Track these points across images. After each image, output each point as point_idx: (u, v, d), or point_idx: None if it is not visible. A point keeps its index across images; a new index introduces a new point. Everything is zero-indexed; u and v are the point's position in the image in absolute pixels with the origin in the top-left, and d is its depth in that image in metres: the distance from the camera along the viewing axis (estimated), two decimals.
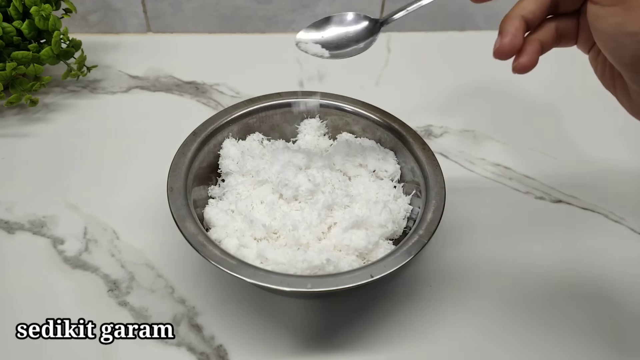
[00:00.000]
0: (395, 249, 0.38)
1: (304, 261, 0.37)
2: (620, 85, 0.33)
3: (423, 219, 0.39)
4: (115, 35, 0.71)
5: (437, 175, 0.43)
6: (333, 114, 0.49)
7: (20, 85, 0.56)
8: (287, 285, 0.34)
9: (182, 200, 0.39)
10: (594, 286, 0.45)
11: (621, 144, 0.59)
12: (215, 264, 0.35)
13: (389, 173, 0.45)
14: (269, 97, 0.48)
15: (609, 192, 0.53)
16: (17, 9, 0.54)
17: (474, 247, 0.47)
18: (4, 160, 0.54)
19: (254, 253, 0.39)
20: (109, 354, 0.39)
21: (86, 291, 0.43)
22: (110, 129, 0.58)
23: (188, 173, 0.42)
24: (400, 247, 0.37)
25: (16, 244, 0.46)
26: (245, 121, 0.48)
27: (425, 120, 0.60)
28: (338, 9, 0.71)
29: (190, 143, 0.44)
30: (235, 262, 0.35)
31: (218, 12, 0.71)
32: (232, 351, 0.40)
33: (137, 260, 0.45)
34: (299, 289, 0.34)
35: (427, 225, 0.39)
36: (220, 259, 0.35)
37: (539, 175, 0.55)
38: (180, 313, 0.42)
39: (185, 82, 0.65)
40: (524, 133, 0.60)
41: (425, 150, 0.45)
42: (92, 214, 0.49)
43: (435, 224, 0.39)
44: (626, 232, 0.50)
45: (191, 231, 0.37)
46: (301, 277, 0.35)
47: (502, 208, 0.51)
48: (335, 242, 0.40)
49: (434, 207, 0.40)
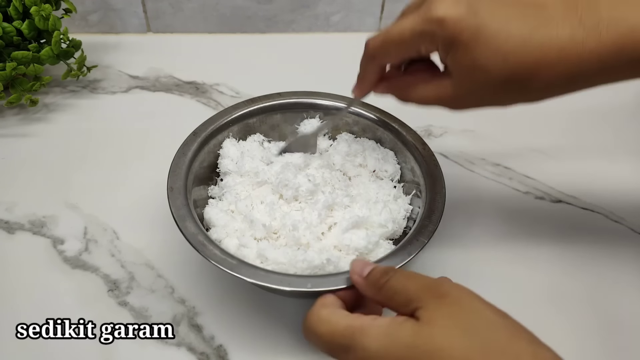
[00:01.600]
0: (395, 249, 0.38)
1: (304, 261, 0.37)
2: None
3: (423, 219, 0.39)
4: (115, 35, 0.71)
5: (437, 175, 0.43)
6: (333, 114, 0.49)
7: (20, 85, 0.56)
8: (287, 285, 0.34)
9: (182, 200, 0.39)
10: (594, 286, 0.45)
11: (621, 144, 0.59)
12: (216, 263, 0.35)
13: (389, 173, 0.45)
14: (269, 97, 0.48)
15: (609, 192, 0.53)
16: (17, 9, 0.54)
17: (474, 247, 0.47)
18: (4, 160, 0.54)
19: (254, 253, 0.39)
20: (109, 354, 0.39)
21: (86, 291, 0.43)
22: (110, 129, 0.58)
23: (188, 173, 0.42)
24: (400, 247, 0.37)
25: (16, 244, 0.46)
26: (245, 121, 0.48)
27: (425, 120, 0.60)
28: (338, 9, 0.71)
29: (190, 143, 0.44)
30: (236, 262, 0.35)
31: (218, 12, 0.71)
32: (232, 351, 0.40)
33: (137, 260, 0.45)
34: (299, 288, 0.34)
35: (427, 225, 0.39)
36: (220, 258, 0.35)
37: (539, 175, 0.55)
38: (180, 313, 0.42)
39: (185, 82, 0.65)
40: (524, 133, 0.60)
41: (425, 150, 0.45)
42: (92, 214, 0.49)
43: (435, 224, 0.39)
44: (626, 232, 0.50)
45: (191, 231, 0.37)
46: (301, 277, 0.35)
47: (502, 208, 0.51)
48: (335, 242, 0.40)
49: (435, 207, 0.40)
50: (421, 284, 0.29)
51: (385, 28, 0.35)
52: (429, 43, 0.32)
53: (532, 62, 0.30)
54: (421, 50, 0.33)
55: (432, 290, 0.28)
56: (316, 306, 0.32)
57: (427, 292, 0.28)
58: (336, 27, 0.73)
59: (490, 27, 0.30)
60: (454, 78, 0.33)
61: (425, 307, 0.28)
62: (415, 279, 0.30)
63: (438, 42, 0.32)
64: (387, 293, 0.30)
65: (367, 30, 0.73)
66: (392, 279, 0.30)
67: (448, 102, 0.35)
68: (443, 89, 0.34)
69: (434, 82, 0.35)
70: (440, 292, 0.28)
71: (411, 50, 0.34)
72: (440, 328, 0.26)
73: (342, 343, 0.29)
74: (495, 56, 0.30)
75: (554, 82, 0.31)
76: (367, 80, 0.38)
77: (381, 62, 0.37)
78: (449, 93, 0.34)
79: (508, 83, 0.31)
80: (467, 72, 0.32)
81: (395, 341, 0.27)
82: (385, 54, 0.35)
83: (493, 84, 0.32)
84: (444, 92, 0.34)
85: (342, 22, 0.73)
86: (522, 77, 0.31)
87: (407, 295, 0.29)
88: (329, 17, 0.72)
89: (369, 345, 0.28)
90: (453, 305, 0.27)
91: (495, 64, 0.30)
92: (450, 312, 0.27)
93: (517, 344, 0.25)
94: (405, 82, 0.37)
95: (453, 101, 0.35)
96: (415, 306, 0.28)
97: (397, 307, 0.30)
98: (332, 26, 0.73)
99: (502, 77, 0.31)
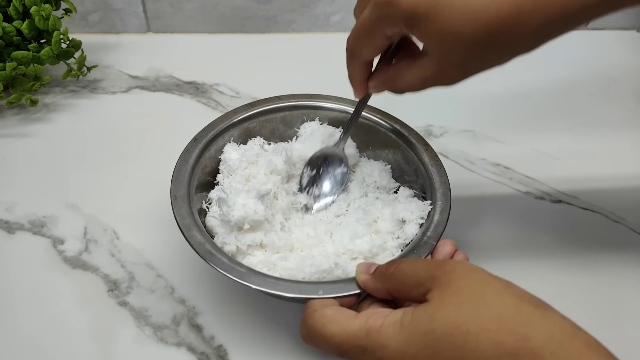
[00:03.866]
0: (404, 252, 0.38)
1: (312, 265, 0.37)
2: None
3: (430, 221, 0.39)
4: (115, 35, 0.71)
5: (441, 176, 0.42)
6: (334, 117, 0.49)
7: (20, 85, 0.56)
8: (298, 292, 0.34)
9: (187, 209, 0.39)
10: (593, 286, 0.45)
11: (621, 143, 0.59)
12: (225, 272, 0.34)
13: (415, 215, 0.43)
14: (268, 100, 0.48)
15: (609, 192, 0.53)
16: (17, 9, 0.54)
17: (474, 247, 0.47)
18: (4, 160, 0.54)
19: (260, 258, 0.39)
20: (109, 353, 0.39)
21: (86, 291, 0.43)
22: (110, 129, 0.58)
23: (190, 180, 0.41)
24: (409, 250, 0.37)
25: (16, 244, 0.46)
26: (245, 125, 0.47)
27: (425, 120, 0.60)
28: (338, 9, 0.71)
29: (191, 150, 0.43)
30: (245, 270, 0.35)
31: (218, 12, 0.71)
32: (232, 351, 0.40)
33: (137, 260, 0.45)
34: (311, 296, 0.33)
35: (434, 227, 0.38)
36: (229, 267, 0.35)
37: (539, 175, 0.55)
38: (180, 313, 0.42)
39: (185, 82, 0.65)
40: (524, 133, 0.60)
41: (428, 151, 0.44)
42: (92, 214, 0.49)
43: (442, 226, 0.38)
44: (626, 232, 0.50)
45: (198, 240, 0.36)
46: (312, 284, 0.34)
47: (502, 208, 0.51)
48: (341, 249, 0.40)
49: (440, 209, 0.40)
50: (429, 264, 0.29)
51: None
52: (391, 26, 0.31)
53: (510, 11, 0.28)
54: (388, 34, 0.32)
55: (440, 267, 0.29)
56: (316, 306, 0.32)
57: (436, 270, 0.29)
58: (336, 27, 0.73)
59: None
60: (431, 54, 0.32)
61: (435, 287, 0.28)
62: (423, 260, 0.31)
63: (398, 22, 0.31)
64: (397, 278, 0.30)
65: None
66: (400, 264, 0.31)
67: (434, 81, 0.33)
68: (425, 69, 0.33)
69: (415, 65, 0.34)
70: (447, 269, 0.28)
71: (379, 38, 0.33)
72: (452, 305, 0.26)
73: (357, 344, 0.28)
74: (464, 18, 0.28)
75: (542, 26, 0.28)
76: (356, 79, 0.38)
77: (360, 58, 0.36)
78: (431, 71, 0.33)
79: (489, 41, 0.29)
80: (439, 44, 0.30)
81: (413, 332, 0.27)
82: (358, 49, 0.35)
83: (472, 48, 0.29)
84: (427, 72, 0.33)
85: (342, 22, 0.73)
86: (503, 30, 0.28)
87: (418, 276, 0.29)
88: (329, 17, 0.72)
89: (388, 343, 0.27)
90: (461, 280, 0.27)
91: (466, 25, 0.29)
92: (459, 286, 0.27)
93: (525, 308, 0.26)
94: (392, 73, 0.36)
95: (438, 78, 0.33)
96: (427, 287, 0.28)
97: (410, 290, 0.30)
98: (332, 26, 0.73)
99: (479, 37, 0.29)
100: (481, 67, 0.32)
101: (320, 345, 0.30)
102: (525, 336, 0.24)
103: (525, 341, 0.24)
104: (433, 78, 0.33)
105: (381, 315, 0.29)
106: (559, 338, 0.24)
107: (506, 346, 0.24)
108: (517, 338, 0.24)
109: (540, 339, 0.24)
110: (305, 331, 0.32)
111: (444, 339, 0.26)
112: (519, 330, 0.25)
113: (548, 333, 0.24)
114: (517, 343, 0.24)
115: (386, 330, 0.28)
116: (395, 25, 0.31)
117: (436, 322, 0.26)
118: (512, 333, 0.25)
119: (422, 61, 0.33)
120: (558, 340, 0.24)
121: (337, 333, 0.29)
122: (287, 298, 0.35)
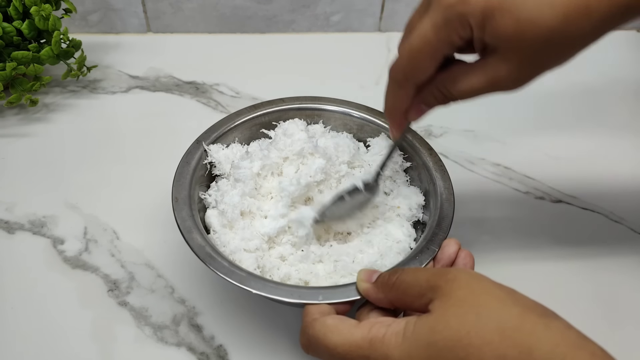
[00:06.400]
0: (406, 258, 0.38)
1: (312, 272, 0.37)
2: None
3: (434, 227, 0.39)
4: (115, 35, 0.71)
5: (445, 181, 0.42)
6: (338, 118, 0.48)
7: (20, 85, 0.56)
8: (298, 297, 0.34)
9: (188, 211, 0.39)
10: (593, 286, 0.45)
11: (621, 144, 0.59)
12: (224, 276, 0.35)
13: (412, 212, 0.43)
14: (271, 102, 0.48)
15: (609, 192, 0.53)
16: (17, 9, 0.54)
17: (474, 247, 0.47)
18: (4, 160, 0.54)
19: None
20: (109, 353, 0.39)
21: (86, 291, 0.43)
22: (110, 129, 0.58)
23: (192, 182, 0.41)
24: (411, 257, 0.37)
25: (16, 244, 0.46)
26: (248, 127, 0.47)
27: (425, 120, 0.60)
28: (338, 9, 0.71)
29: (193, 151, 0.43)
30: (245, 274, 0.35)
31: (218, 12, 0.71)
32: (232, 351, 0.40)
33: (137, 260, 0.45)
34: (310, 301, 0.33)
35: (437, 233, 0.38)
36: (228, 270, 0.35)
37: (539, 175, 0.55)
38: (180, 313, 0.42)
39: (185, 82, 0.65)
40: (524, 133, 0.60)
41: (432, 155, 0.44)
42: (92, 214, 0.49)
43: (445, 232, 0.38)
44: (626, 232, 0.50)
45: (198, 243, 0.37)
46: (312, 289, 0.34)
47: (502, 208, 0.51)
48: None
49: (444, 215, 0.40)
50: (431, 273, 0.29)
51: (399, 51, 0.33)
52: (460, 29, 0.30)
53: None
54: (454, 40, 0.30)
55: (442, 276, 0.28)
56: (315, 315, 0.31)
57: (438, 280, 0.28)
58: (336, 27, 0.73)
59: None
60: (503, 52, 0.30)
61: (437, 297, 0.28)
62: (424, 270, 0.31)
63: (470, 22, 0.29)
64: (399, 288, 0.30)
65: (367, 30, 0.73)
66: (402, 274, 0.30)
67: (505, 82, 0.31)
68: (494, 70, 0.30)
69: (477, 69, 0.31)
70: (449, 278, 0.28)
71: (443, 48, 0.31)
72: (454, 317, 0.26)
73: (360, 354, 0.28)
74: (540, 5, 0.28)
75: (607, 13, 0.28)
76: (398, 110, 0.36)
77: (415, 79, 0.33)
78: (503, 71, 0.30)
79: (563, 30, 0.28)
80: (515, 37, 0.29)
81: (415, 343, 0.27)
82: (417, 68, 0.32)
83: (547, 37, 0.28)
84: (496, 72, 0.31)
85: (342, 22, 0.73)
86: (578, 14, 0.28)
87: (420, 286, 0.29)
88: (329, 17, 0.72)
89: (391, 353, 0.27)
90: (463, 289, 0.27)
91: (543, 12, 0.28)
92: (461, 296, 0.27)
93: (529, 318, 0.26)
94: (440, 81, 0.33)
95: (510, 78, 0.31)
96: (429, 297, 0.28)
97: (412, 301, 0.29)
98: (332, 26, 0.73)
99: (555, 24, 0.28)
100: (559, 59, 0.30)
101: (323, 356, 0.30)
102: (528, 349, 0.24)
103: (528, 354, 0.24)
104: (504, 79, 0.31)
105: (384, 325, 0.29)
106: (563, 349, 0.24)
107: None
108: (521, 351, 0.24)
109: (544, 351, 0.24)
110: (305, 341, 0.31)
111: (446, 352, 0.26)
112: (522, 343, 0.24)
113: (552, 344, 0.24)
114: (521, 356, 0.24)
115: (389, 340, 0.28)
116: (467, 26, 0.29)
117: (438, 334, 0.26)
118: (515, 346, 0.24)
119: (487, 64, 0.31)
120: (562, 351, 0.24)
121: (340, 343, 0.29)
122: (287, 303, 0.35)
